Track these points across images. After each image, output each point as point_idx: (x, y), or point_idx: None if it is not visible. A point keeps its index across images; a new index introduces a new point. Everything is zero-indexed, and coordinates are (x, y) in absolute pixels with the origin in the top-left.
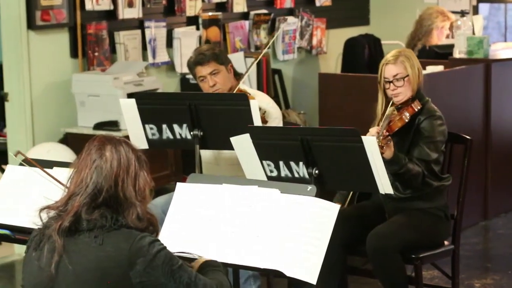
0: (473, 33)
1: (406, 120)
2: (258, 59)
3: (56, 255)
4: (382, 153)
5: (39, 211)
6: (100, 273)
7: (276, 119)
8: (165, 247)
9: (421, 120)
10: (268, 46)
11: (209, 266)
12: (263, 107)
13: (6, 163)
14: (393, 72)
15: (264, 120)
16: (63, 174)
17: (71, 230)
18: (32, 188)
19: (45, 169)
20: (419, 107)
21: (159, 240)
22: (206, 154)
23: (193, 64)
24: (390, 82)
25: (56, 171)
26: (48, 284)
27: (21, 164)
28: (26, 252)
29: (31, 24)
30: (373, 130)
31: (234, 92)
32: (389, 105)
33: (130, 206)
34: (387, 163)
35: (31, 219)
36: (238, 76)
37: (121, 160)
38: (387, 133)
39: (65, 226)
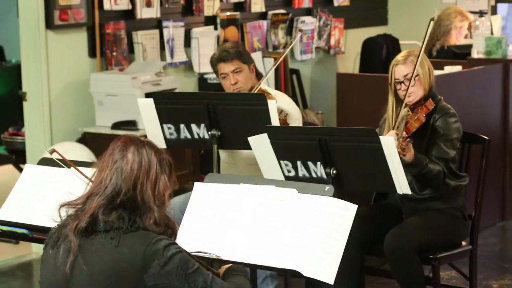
0: (492, 33)
1: (423, 120)
2: (278, 62)
3: (71, 255)
4: (403, 155)
5: (58, 208)
6: (115, 275)
7: (296, 120)
8: (181, 251)
9: (436, 118)
10: (290, 47)
11: (232, 271)
12: (284, 108)
13: (24, 162)
14: (403, 72)
15: (285, 123)
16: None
17: (88, 231)
18: (49, 187)
19: (72, 168)
20: (433, 106)
21: (175, 244)
22: (224, 154)
23: (216, 61)
24: (401, 82)
25: (74, 170)
26: (63, 283)
27: (39, 163)
28: (44, 249)
29: (49, 24)
30: (391, 133)
31: (255, 92)
32: (403, 107)
33: (147, 211)
34: (409, 166)
35: (48, 218)
36: (259, 76)
37: (142, 163)
38: (406, 135)
39: (81, 226)
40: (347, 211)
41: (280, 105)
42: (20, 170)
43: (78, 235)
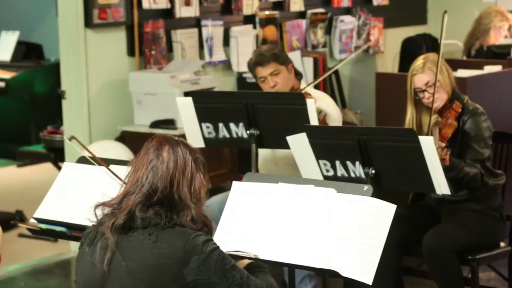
0: None
1: (456, 125)
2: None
3: (108, 252)
4: (444, 165)
5: (94, 208)
6: (155, 270)
7: (335, 121)
8: (218, 247)
9: (465, 120)
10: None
11: (256, 267)
12: (323, 108)
13: (63, 160)
14: (424, 80)
15: (324, 123)
16: (119, 172)
17: (125, 228)
18: (88, 185)
19: (108, 166)
20: (460, 108)
21: (212, 240)
22: (264, 153)
23: (253, 65)
24: (423, 91)
25: (112, 169)
26: (100, 280)
27: (79, 161)
28: (80, 248)
29: (88, 23)
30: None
31: (298, 92)
32: (431, 114)
33: (184, 208)
34: (445, 170)
35: (87, 217)
36: (299, 76)
37: (178, 162)
38: (443, 144)
39: (118, 223)
40: (386, 211)
41: (320, 105)
42: (59, 168)
43: (115, 232)
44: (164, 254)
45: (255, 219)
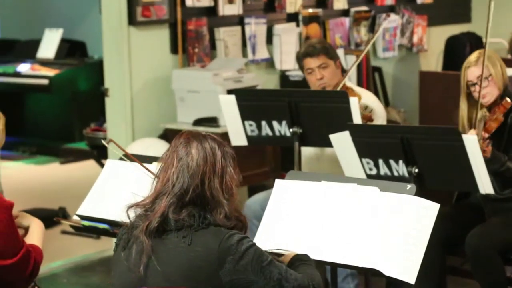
0: None
1: (502, 120)
2: (360, 58)
3: (144, 256)
4: (484, 157)
5: (126, 209)
6: (190, 273)
7: (380, 118)
8: (254, 244)
9: None
10: (370, 43)
11: (299, 260)
12: (370, 105)
13: (106, 157)
14: (476, 74)
15: (370, 118)
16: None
17: (159, 230)
18: (131, 182)
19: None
20: (510, 104)
21: (247, 237)
22: (307, 151)
23: (302, 56)
24: (474, 84)
25: (155, 166)
26: (137, 284)
27: (121, 159)
28: (115, 250)
29: (132, 20)
30: (472, 132)
31: (340, 89)
32: (479, 108)
33: (217, 205)
34: (487, 162)
35: (129, 214)
36: (344, 73)
37: (207, 158)
38: (486, 136)
39: (152, 226)
40: (429, 210)
41: (365, 102)
42: (102, 165)
43: (149, 236)
44: (199, 257)
45: (297, 217)
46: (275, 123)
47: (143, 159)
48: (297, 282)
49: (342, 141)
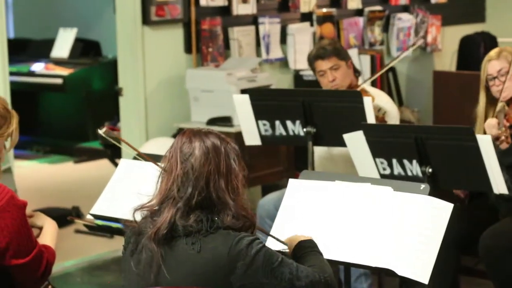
0: None
1: None
2: (389, 66)
3: (154, 265)
4: (507, 143)
5: (133, 212)
6: (201, 280)
7: (393, 119)
8: (263, 245)
9: None
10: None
11: (306, 248)
12: (382, 106)
13: (119, 157)
14: (497, 68)
15: (383, 120)
16: None
17: (167, 238)
18: (145, 182)
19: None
20: None
21: (257, 239)
22: (320, 150)
23: (313, 58)
24: (494, 78)
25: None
26: None
27: (135, 158)
28: (123, 253)
29: (146, 20)
30: (492, 121)
31: (355, 90)
32: (499, 102)
33: (224, 207)
34: (503, 153)
35: (143, 213)
36: (357, 73)
37: (211, 157)
38: (508, 124)
39: (161, 234)
40: (442, 210)
41: (378, 103)
42: (116, 165)
43: (158, 244)
44: (209, 264)
45: (310, 217)
46: (289, 123)
47: (156, 158)
48: (308, 278)
49: (356, 141)
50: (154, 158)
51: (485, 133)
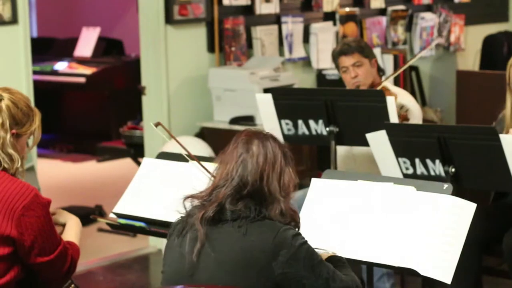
0: None
1: None
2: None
3: (198, 243)
4: None
5: (183, 200)
6: (244, 263)
7: (416, 118)
8: (307, 241)
9: None
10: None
11: (337, 262)
12: (405, 104)
13: (142, 156)
14: None
15: (405, 118)
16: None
17: (215, 220)
18: (167, 181)
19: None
20: None
21: (301, 234)
22: (342, 150)
23: (337, 54)
24: None
25: (195, 164)
26: (189, 271)
27: (160, 156)
28: (168, 239)
29: (169, 19)
30: None
31: (378, 89)
32: None
33: (274, 201)
34: None
35: (166, 212)
36: (381, 72)
37: (268, 156)
38: None
39: (208, 215)
40: (465, 210)
41: (401, 101)
42: (138, 163)
43: (205, 224)
44: (254, 247)
45: (333, 216)
46: (311, 122)
47: (201, 159)
48: (342, 283)
49: (378, 140)
50: (201, 159)
51: None
